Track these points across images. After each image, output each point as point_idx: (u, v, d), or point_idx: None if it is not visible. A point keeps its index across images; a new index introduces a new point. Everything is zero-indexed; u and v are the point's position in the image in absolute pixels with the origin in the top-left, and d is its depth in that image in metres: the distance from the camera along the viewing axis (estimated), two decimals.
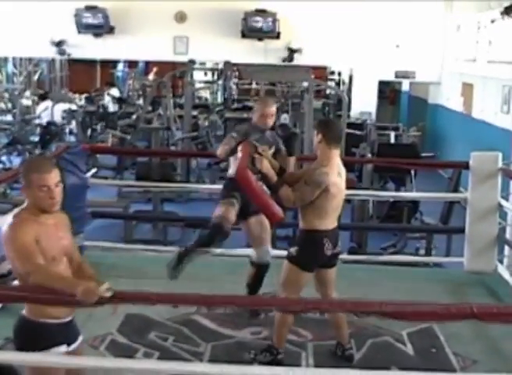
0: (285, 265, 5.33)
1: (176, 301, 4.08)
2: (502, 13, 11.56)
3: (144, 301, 3.80)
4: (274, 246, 8.61)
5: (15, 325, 3.79)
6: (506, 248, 7.31)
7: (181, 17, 15.25)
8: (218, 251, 6.52)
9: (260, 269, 6.24)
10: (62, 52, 15.37)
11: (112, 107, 18.32)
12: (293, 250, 5.31)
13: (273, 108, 5.96)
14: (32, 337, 3.76)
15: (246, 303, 4.22)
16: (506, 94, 12.46)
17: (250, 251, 6.45)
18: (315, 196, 5.10)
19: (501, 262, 7.29)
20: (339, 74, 21.83)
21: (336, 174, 5.15)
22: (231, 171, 6.11)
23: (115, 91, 19.80)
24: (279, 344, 5.37)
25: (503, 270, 7.21)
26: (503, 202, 7.10)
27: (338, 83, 21.63)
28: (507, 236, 7.30)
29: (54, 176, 3.77)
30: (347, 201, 9.73)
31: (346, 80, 20.53)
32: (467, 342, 5.80)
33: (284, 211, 5.55)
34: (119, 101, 18.66)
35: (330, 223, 5.20)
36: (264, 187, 5.52)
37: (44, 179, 3.72)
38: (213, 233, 5.87)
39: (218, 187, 10.86)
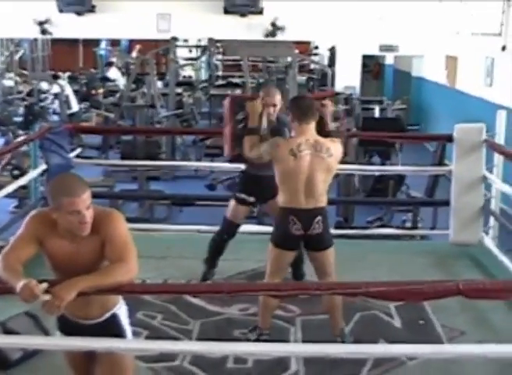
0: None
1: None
2: None
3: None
4: (260, 222, 8.67)
5: None
6: (491, 219, 7.34)
7: None
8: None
9: None
10: (43, 32, 15.20)
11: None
12: None
13: (276, 98, 5.90)
14: None
15: (225, 290, 4.17)
16: (489, 66, 12.46)
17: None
18: (265, 158, 5.28)
19: (486, 233, 7.33)
20: (332, 49, 21.73)
21: (289, 150, 5.06)
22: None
23: (113, 72, 19.66)
24: (263, 324, 5.37)
25: (488, 241, 7.26)
26: (488, 174, 7.13)
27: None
28: (492, 207, 7.33)
29: (85, 199, 3.46)
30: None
31: (327, 54, 20.52)
32: (455, 314, 5.85)
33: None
34: (101, 79, 18.56)
35: (301, 202, 5.11)
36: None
37: (75, 203, 3.43)
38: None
39: (204, 164, 10.98)
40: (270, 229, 5.51)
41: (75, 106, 15.65)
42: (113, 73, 19.54)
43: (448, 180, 7.51)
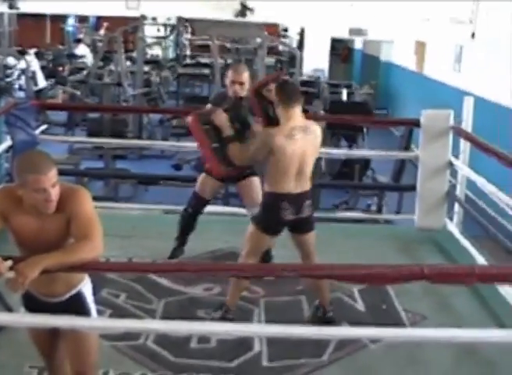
0: (250, 224, 5.33)
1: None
2: None
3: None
4: (227, 203, 8.66)
5: None
6: (456, 205, 7.39)
7: None
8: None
9: None
10: (10, 6, 15.02)
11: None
12: (256, 211, 5.37)
13: (243, 76, 5.79)
14: None
15: (195, 269, 4.16)
16: (457, 53, 12.53)
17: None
18: (261, 156, 5.14)
19: (451, 219, 7.38)
20: (302, 32, 21.71)
21: (285, 137, 5.00)
22: None
23: (82, 48, 19.45)
24: (230, 303, 5.37)
25: (452, 227, 7.31)
26: (454, 160, 7.17)
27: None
28: (457, 193, 7.38)
29: (51, 177, 3.42)
30: None
31: (297, 37, 20.46)
32: (417, 298, 5.88)
33: (234, 166, 5.60)
34: (68, 56, 18.38)
35: (292, 187, 5.09)
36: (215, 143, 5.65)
37: (40, 181, 3.39)
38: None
39: (170, 143, 10.93)
40: (236, 210, 5.51)
41: (41, 82, 15.48)
42: (82, 49, 19.36)
43: (414, 165, 7.54)
